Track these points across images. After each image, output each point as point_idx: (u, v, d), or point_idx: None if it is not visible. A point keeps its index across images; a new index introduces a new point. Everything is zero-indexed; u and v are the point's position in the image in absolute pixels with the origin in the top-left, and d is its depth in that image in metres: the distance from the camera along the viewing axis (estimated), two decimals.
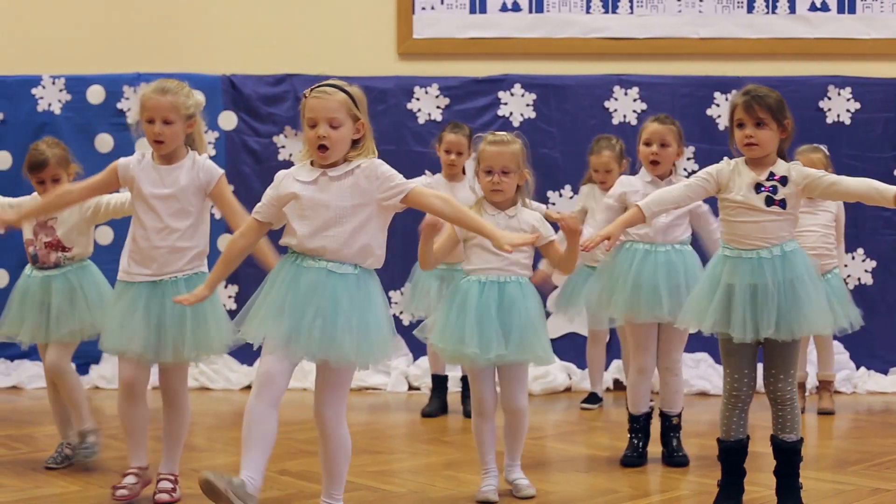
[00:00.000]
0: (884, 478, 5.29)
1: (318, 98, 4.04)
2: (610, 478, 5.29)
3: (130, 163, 4.65)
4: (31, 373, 8.19)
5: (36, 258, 5.37)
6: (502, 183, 4.69)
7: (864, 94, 8.58)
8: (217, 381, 8.29)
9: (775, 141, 4.49)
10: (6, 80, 8.64)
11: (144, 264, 4.59)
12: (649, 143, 5.52)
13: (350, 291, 4.00)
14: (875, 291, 8.48)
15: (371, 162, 4.07)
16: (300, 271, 4.01)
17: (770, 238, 4.45)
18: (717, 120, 8.59)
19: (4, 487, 4.98)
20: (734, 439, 4.56)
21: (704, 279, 4.62)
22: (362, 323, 3.99)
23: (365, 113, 4.10)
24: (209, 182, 4.65)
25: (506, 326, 4.60)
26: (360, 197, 4.03)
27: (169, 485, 4.73)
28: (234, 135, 8.62)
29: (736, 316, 4.41)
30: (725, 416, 4.56)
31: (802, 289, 4.44)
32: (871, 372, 8.34)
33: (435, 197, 4.14)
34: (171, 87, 4.64)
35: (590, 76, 8.68)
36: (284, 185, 4.10)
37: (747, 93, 4.49)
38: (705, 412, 7.31)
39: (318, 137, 4.01)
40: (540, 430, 6.70)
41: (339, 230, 3.99)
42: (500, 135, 4.79)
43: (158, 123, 4.58)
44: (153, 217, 4.58)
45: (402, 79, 8.68)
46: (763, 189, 4.45)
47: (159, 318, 4.56)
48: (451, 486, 5.05)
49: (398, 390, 8.21)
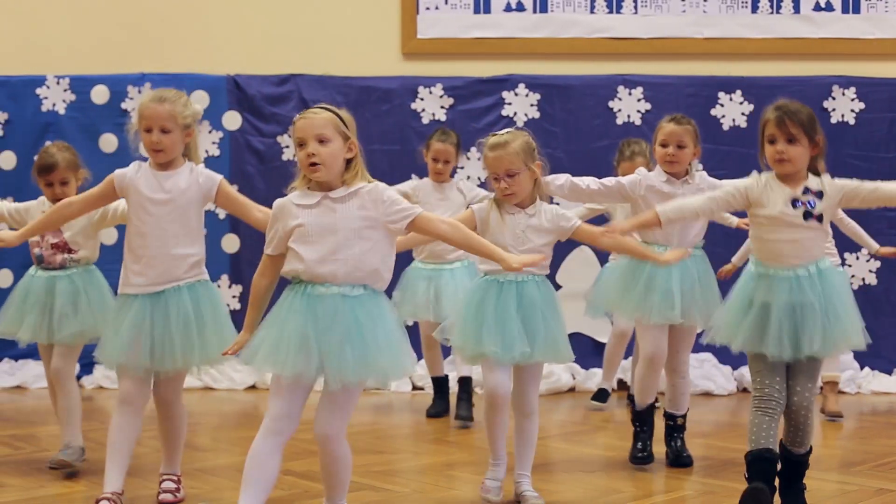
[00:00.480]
0: (888, 478, 5.29)
1: (304, 118, 4.00)
2: (614, 478, 5.29)
3: (127, 173, 4.59)
4: (35, 372, 8.20)
5: (41, 259, 5.37)
6: (511, 186, 4.63)
7: (869, 94, 8.57)
8: (221, 381, 8.30)
9: (807, 157, 4.43)
10: (11, 80, 8.66)
11: (143, 274, 4.53)
12: (666, 145, 5.47)
13: (369, 311, 3.94)
14: (880, 291, 8.47)
15: (375, 185, 4.02)
16: (312, 301, 3.92)
17: (806, 255, 4.42)
18: (721, 120, 8.58)
19: (8, 487, 4.98)
20: (764, 447, 4.37)
21: (736, 296, 4.55)
22: (389, 340, 3.96)
23: (354, 134, 4.04)
24: (210, 188, 4.58)
25: (529, 326, 4.57)
26: (366, 220, 3.97)
27: (172, 485, 4.73)
28: (238, 135, 8.62)
29: (771, 335, 4.36)
30: (755, 423, 4.41)
31: (841, 306, 4.43)
32: (875, 372, 8.34)
33: (441, 222, 4.11)
34: (169, 96, 4.60)
35: (594, 76, 8.68)
36: (288, 215, 4.00)
37: (779, 108, 4.44)
38: (710, 413, 7.32)
39: (307, 156, 3.94)
40: (544, 431, 6.68)
41: (348, 253, 3.92)
42: (497, 138, 4.70)
43: (156, 132, 4.54)
44: (152, 223, 4.52)
45: (406, 79, 8.68)
46: (800, 204, 4.40)
47: (162, 329, 4.50)
48: (455, 487, 5.05)
49: (402, 390, 8.22)
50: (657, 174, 5.52)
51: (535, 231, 4.63)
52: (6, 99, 8.65)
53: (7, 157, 8.59)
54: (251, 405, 7.74)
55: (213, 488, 4.98)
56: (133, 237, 4.58)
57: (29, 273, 5.44)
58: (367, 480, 5.09)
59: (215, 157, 8.42)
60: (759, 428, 4.39)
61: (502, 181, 4.64)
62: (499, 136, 4.72)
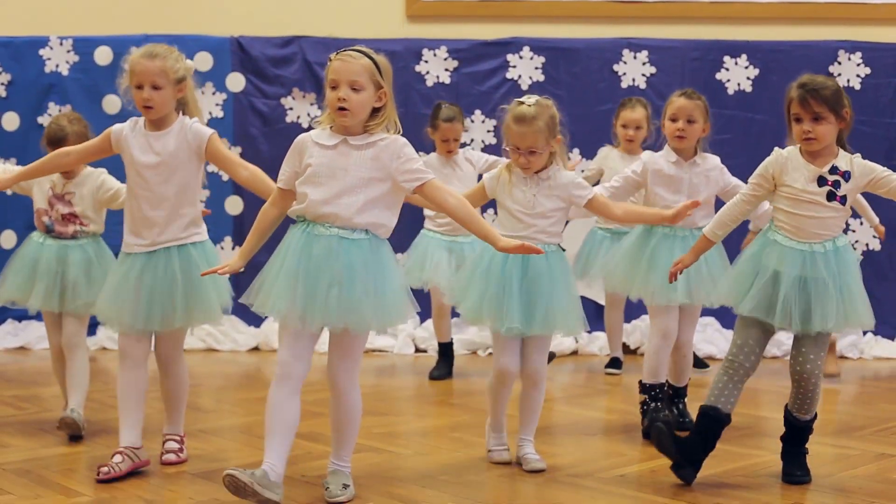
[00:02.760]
0: (890, 443, 5.30)
1: (342, 61, 4.02)
2: (617, 441, 5.30)
3: (124, 129, 4.58)
4: (39, 333, 8.21)
5: (51, 228, 5.34)
6: (530, 162, 4.57)
7: (875, 60, 8.54)
8: (224, 342, 8.31)
9: (834, 132, 4.38)
10: (14, 41, 8.63)
11: (139, 234, 4.53)
12: (675, 119, 5.35)
13: (364, 257, 3.99)
14: (883, 257, 8.47)
15: (396, 139, 4.07)
16: (311, 239, 3.99)
17: (826, 233, 4.40)
18: (726, 84, 8.55)
19: (12, 447, 5.00)
20: (712, 405, 4.43)
21: (747, 259, 4.52)
22: (379, 288, 4.00)
23: (389, 83, 4.08)
24: (200, 144, 4.53)
25: (532, 297, 4.52)
26: (378, 171, 4.02)
27: (175, 445, 4.74)
28: (241, 97, 8.60)
29: (780, 306, 4.35)
30: (717, 381, 4.47)
31: (855, 285, 4.43)
32: (878, 337, 8.35)
33: (450, 195, 4.14)
34: (159, 51, 4.55)
35: (599, 39, 8.65)
36: (304, 153, 4.07)
37: (803, 86, 4.37)
38: (712, 377, 7.32)
39: (338, 99, 3.99)
40: (547, 394, 6.65)
41: (352, 199, 3.98)
42: (524, 109, 4.54)
43: (147, 89, 4.49)
44: (143, 186, 4.51)
45: (411, 41, 8.65)
46: (826, 183, 4.36)
47: (152, 287, 4.50)
48: (458, 448, 5.07)
49: (405, 352, 8.24)
50: (665, 154, 5.41)
51: (546, 196, 4.59)
52: (9, 60, 8.62)
53: (10, 118, 8.57)
54: (254, 367, 7.75)
55: (217, 449, 4.99)
56: (129, 198, 4.59)
57: (35, 240, 5.39)
58: (370, 442, 5.11)
59: (219, 118, 8.40)
60: (717, 387, 4.46)
61: (523, 156, 4.58)
62: (526, 106, 4.56)
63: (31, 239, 5.42)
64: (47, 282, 5.27)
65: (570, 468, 4.72)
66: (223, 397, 6.61)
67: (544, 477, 4.57)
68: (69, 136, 5.28)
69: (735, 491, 4.37)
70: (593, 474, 4.62)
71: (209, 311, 4.61)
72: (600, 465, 4.78)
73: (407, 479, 4.55)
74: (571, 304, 4.62)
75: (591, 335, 8.36)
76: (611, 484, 4.47)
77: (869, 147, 5.32)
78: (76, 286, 5.25)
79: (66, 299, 5.27)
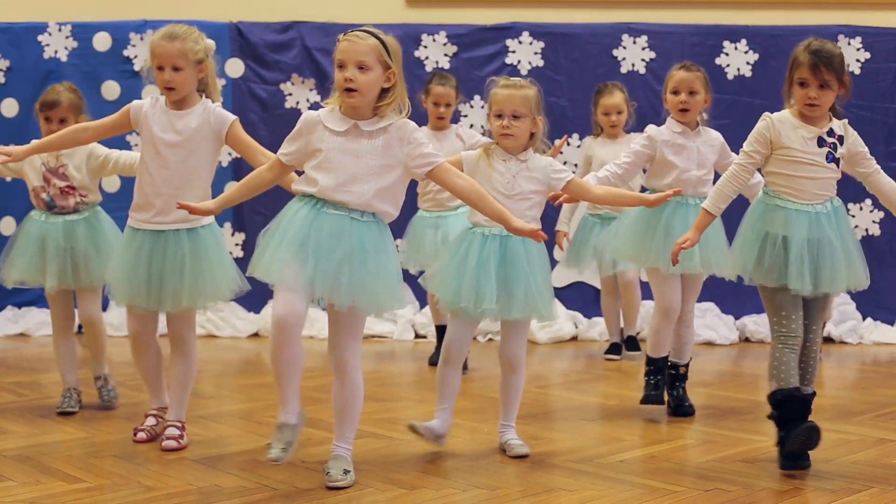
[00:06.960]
0: (889, 428, 5.30)
1: (349, 41, 4.02)
2: (616, 426, 5.30)
3: (144, 105, 4.64)
4: (39, 320, 8.23)
5: (52, 204, 5.34)
6: (512, 127, 4.56)
7: (875, 44, 8.53)
8: (224, 328, 8.32)
9: (834, 98, 4.42)
10: (13, 27, 8.62)
11: (147, 209, 4.58)
12: (677, 92, 5.40)
13: (374, 238, 4.01)
14: (882, 242, 8.47)
15: (405, 123, 4.07)
16: (321, 215, 3.98)
17: (826, 194, 4.43)
18: (725, 69, 8.55)
19: (12, 433, 5.00)
20: (794, 386, 4.35)
21: (748, 229, 4.50)
22: (383, 270, 4.02)
23: (398, 64, 4.08)
24: (221, 129, 4.60)
25: (509, 282, 4.50)
26: (389, 158, 4.03)
27: (176, 431, 4.75)
28: (240, 82, 8.60)
29: (794, 269, 4.34)
30: (782, 360, 4.37)
31: (854, 244, 4.46)
32: (877, 323, 8.35)
33: (459, 177, 4.15)
34: (179, 32, 4.61)
35: (598, 24, 8.64)
36: (314, 133, 4.04)
37: (814, 53, 4.37)
38: (712, 362, 7.34)
39: (345, 80, 3.98)
40: (546, 379, 6.71)
41: (364, 187, 3.98)
42: (513, 79, 4.68)
43: (168, 70, 4.56)
44: (160, 162, 4.56)
45: (410, 26, 8.64)
46: (825, 144, 4.39)
47: (161, 268, 4.56)
48: (456, 434, 5.06)
49: (405, 338, 8.25)
50: (670, 126, 5.44)
51: (526, 178, 4.58)
52: (8, 46, 8.62)
53: (9, 104, 8.57)
54: (254, 353, 7.76)
55: (217, 435, 4.99)
56: (142, 172, 4.62)
57: (36, 219, 5.38)
58: (370, 428, 5.11)
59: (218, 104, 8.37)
60: (788, 366, 4.38)
61: (506, 118, 4.57)
62: (514, 79, 4.67)
63: (31, 218, 5.42)
64: (59, 260, 5.30)
65: (569, 454, 4.72)
66: (223, 383, 6.61)
67: (544, 462, 4.57)
68: (62, 102, 5.31)
69: (735, 476, 4.36)
70: (592, 459, 4.62)
71: (222, 289, 4.65)
72: (600, 451, 4.78)
73: (407, 464, 4.55)
74: (546, 291, 4.60)
75: (591, 321, 8.38)
76: (610, 469, 4.47)
77: (869, 132, 5.34)
78: (87, 261, 5.30)
79: (80, 275, 5.31)
